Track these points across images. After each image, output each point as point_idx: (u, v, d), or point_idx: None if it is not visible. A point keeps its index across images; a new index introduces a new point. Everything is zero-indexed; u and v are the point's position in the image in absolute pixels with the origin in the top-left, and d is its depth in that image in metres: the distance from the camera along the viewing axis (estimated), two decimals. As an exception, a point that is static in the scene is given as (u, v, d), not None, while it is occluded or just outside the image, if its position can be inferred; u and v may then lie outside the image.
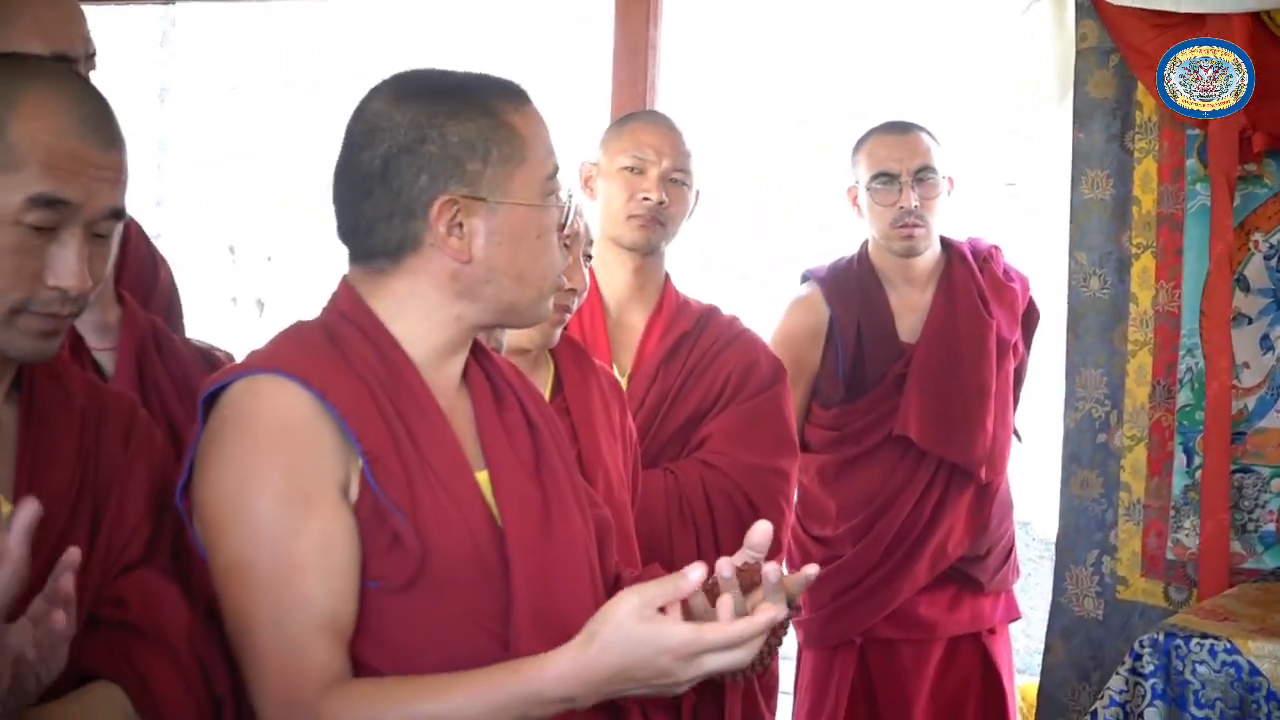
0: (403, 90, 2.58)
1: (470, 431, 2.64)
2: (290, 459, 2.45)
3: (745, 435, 3.98)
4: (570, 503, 2.67)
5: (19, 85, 2.35)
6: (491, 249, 2.54)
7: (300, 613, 2.41)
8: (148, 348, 2.89)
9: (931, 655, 4.87)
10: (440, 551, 2.47)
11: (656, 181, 4.04)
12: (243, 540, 2.44)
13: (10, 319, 2.32)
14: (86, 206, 2.34)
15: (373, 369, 2.53)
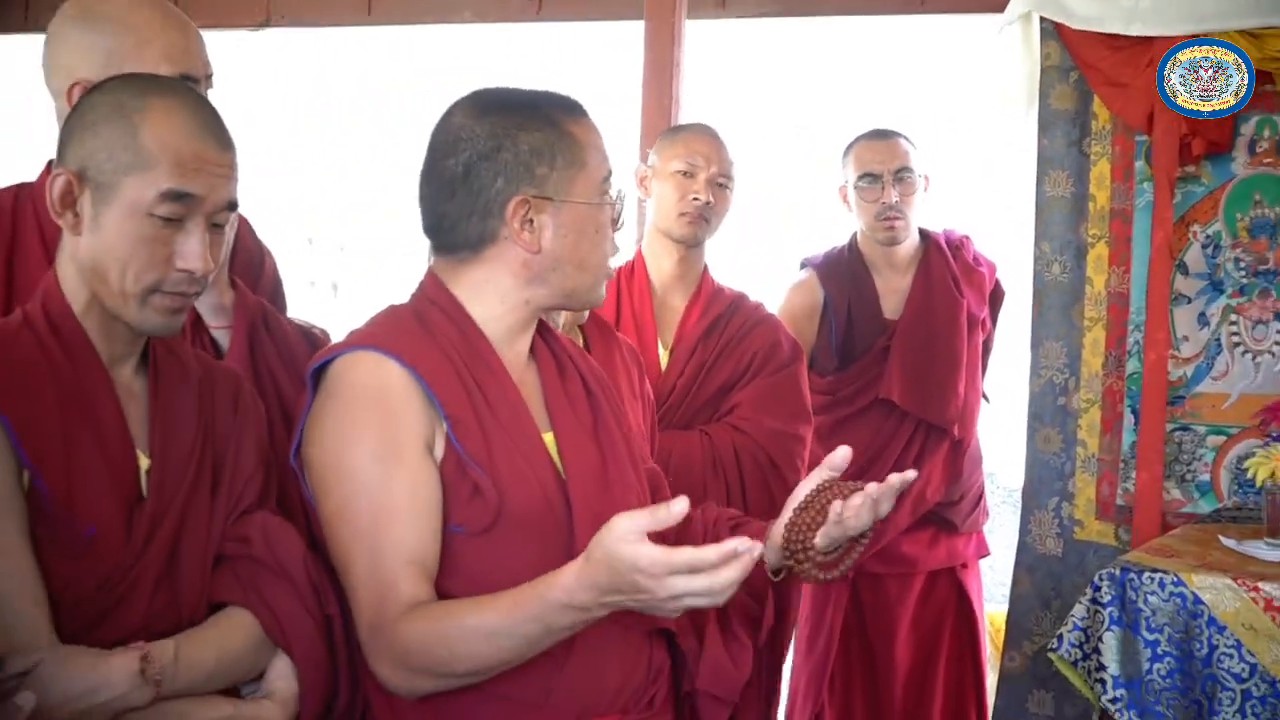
0: (481, 105, 2.62)
1: (538, 398, 2.67)
2: (384, 421, 2.48)
3: (768, 405, 4.00)
4: (624, 458, 2.70)
5: (147, 98, 2.38)
6: (557, 241, 2.58)
7: (392, 551, 2.44)
8: (257, 326, 2.89)
9: (913, 587, 4.92)
10: (514, 501, 2.51)
11: (705, 184, 4.08)
12: (344, 491, 2.48)
13: (145, 298, 2.35)
14: (207, 200, 2.37)
15: (455, 345, 2.57)
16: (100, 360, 2.41)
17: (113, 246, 2.35)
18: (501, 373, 2.60)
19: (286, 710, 2.44)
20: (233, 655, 2.41)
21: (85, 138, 2.37)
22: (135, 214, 2.34)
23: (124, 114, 2.36)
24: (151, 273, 2.35)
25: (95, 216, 2.35)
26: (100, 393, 2.38)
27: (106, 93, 2.41)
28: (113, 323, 2.40)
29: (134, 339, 2.45)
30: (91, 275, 2.37)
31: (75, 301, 2.40)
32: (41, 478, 2.25)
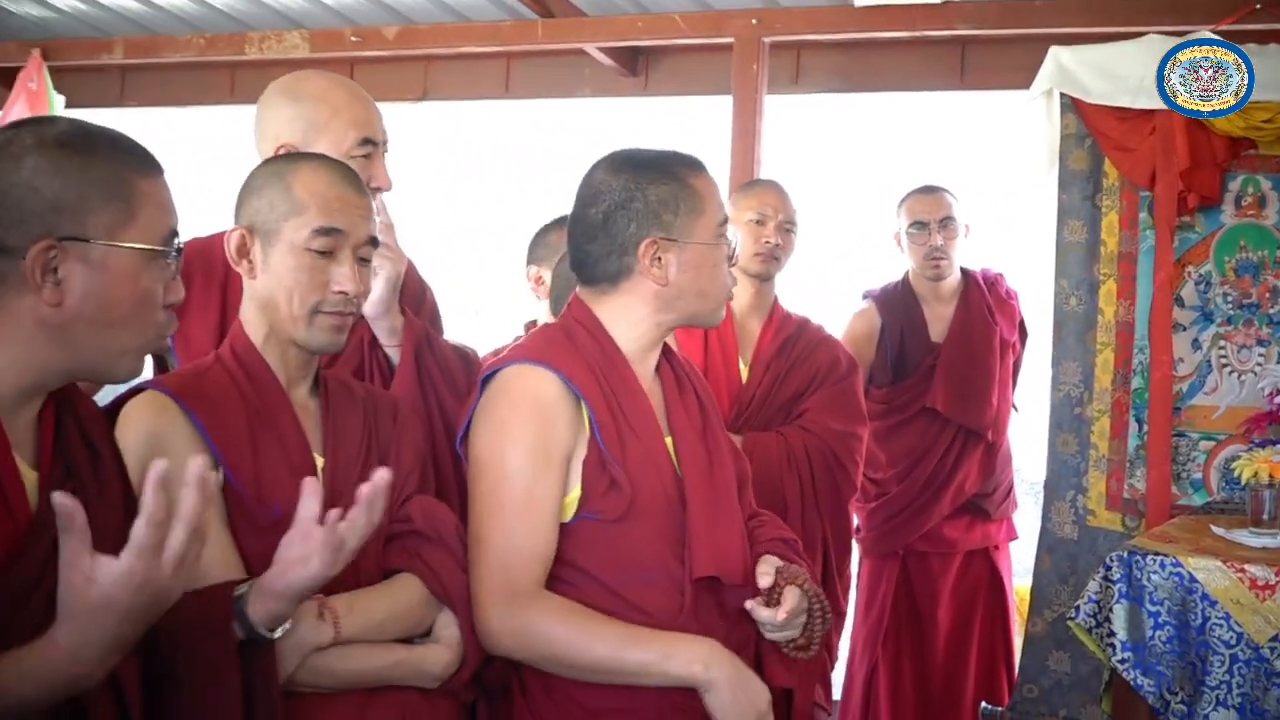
0: (617, 164, 2.64)
1: (661, 406, 2.67)
2: (540, 427, 2.51)
3: (832, 410, 4.00)
4: (726, 458, 2.69)
5: (296, 162, 2.45)
6: (682, 275, 2.60)
7: (530, 537, 2.49)
8: (422, 345, 2.91)
9: (953, 564, 4.89)
10: (642, 493, 2.53)
11: (774, 230, 4.13)
12: (497, 476, 2.51)
13: (311, 318, 2.38)
14: (352, 234, 2.40)
15: (597, 360, 2.59)
16: (279, 382, 2.44)
17: (280, 279, 2.39)
18: (635, 384, 2.61)
19: (451, 652, 2.45)
20: (401, 608, 2.42)
21: (251, 200, 2.43)
22: (295, 250, 2.38)
23: (279, 175, 2.41)
24: (313, 295, 2.38)
25: (265, 259, 2.40)
26: (280, 407, 2.42)
27: (265, 165, 2.49)
28: (287, 350, 2.44)
29: (306, 364, 2.49)
30: (267, 307, 2.42)
31: (256, 337, 2.45)
32: (234, 475, 2.31)
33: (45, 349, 1.88)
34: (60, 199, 1.83)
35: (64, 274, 1.84)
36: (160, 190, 1.93)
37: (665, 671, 2.46)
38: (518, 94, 6.64)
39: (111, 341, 1.90)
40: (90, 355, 1.91)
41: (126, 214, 1.87)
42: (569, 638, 2.47)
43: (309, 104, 2.89)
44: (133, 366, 1.96)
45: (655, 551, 2.53)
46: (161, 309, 1.94)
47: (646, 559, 2.53)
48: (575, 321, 2.67)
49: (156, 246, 1.90)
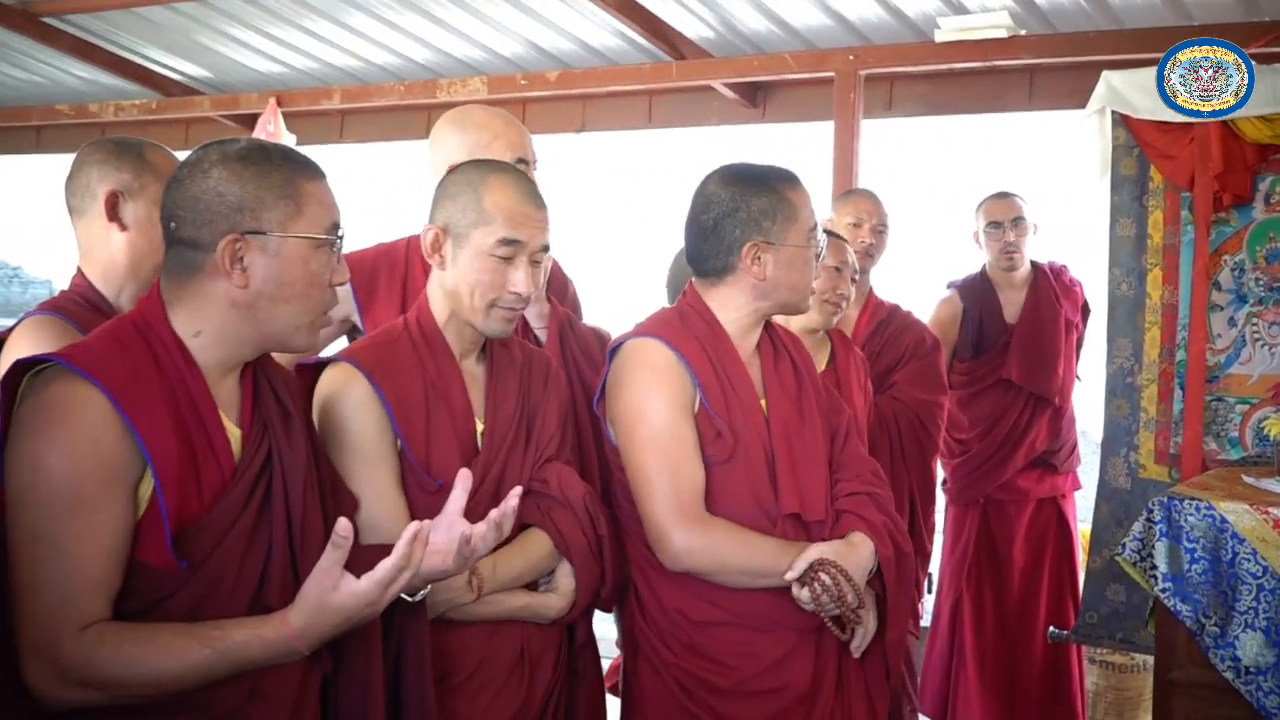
0: (726, 177, 2.65)
1: (758, 375, 2.68)
2: (670, 385, 2.56)
3: (917, 382, 3.97)
4: (815, 417, 2.68)
5: (487, 176, 2.44)
6: (777, 272, 2.61)
7: (690, 473, 2.53)
8: (565, 327, 2.94)
9: (1026, 511, 4.80)
10: (742, 442, 2.56)
11: (869, 231, 4.12)
12: (648, 430, 2.54)
13: (488, 311, 2.40)
14: (529, 244, 2.41)
15: (706, 336, 2.62)
16: (454, 357, 2.46)
17: (465, 276, 2.41)
18: (736, 357, 2.64)
19: (566, 600, 2.49)
20: (533, 561, 2.47)
21: (446, 203, 2.44)
22: (480, 255, 2.40)
23: (473, 186, 2.42)
24: (491, 294, 2.40)
25: (454, 257, 2.42)
26: (453, 379, 2.44)
27: (460, 173, 2.49)
28: (464, 329, 2.46)
29: (477, 340, 2.50)
30: (452, 297, 2.44)
31: (439, 316, 2.47)
32: (409, 443, 2.34)
33: (237, 324, 1.94)
34: (242, 201, 1.89)
35: (248, 261, 1.90)
36: (323, 191, 1.97)
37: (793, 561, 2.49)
38: (658, 124, 6.65)
39: (288, 315, 1.95)
40: (271, 328, 1.95)
41: (295, 211, 1.92)
42: (740, 547, 2.51)
43: (473, 131, 2.95)
44: (307, 338, 2.00)
45: (754, 490, 2.56)
46: (327, 287, 1.97)
47: (746, 496, 2.56)
48: (689, 306, 2.69)
49: (320, 236, 1.95)
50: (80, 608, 1.77)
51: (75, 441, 1.78)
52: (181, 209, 1.91)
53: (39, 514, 1.77)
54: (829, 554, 2.49)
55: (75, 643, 1.75)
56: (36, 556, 1.77)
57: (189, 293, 1.93)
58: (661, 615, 2.59)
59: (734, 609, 2.55)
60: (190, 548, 1.84)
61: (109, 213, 2.59)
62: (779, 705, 2.56)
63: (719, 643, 2.56)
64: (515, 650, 2.43)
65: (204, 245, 1.90)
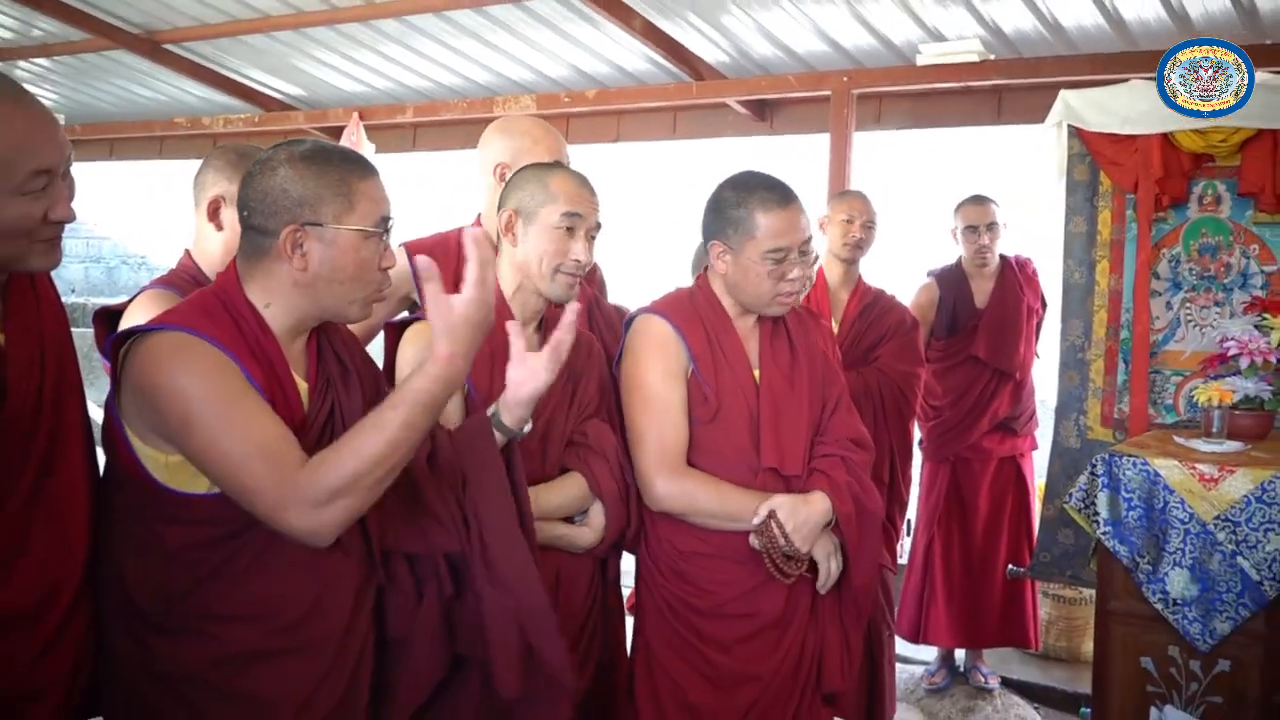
0: (731, 178, 2.64)
1: (755, 349, 2.66)
2: (665, 356, 2.55)
3: (899, 356, 3.93)
4: (804, 387, 2.64)
5: (550, 168, 2.49)
6: (734, 274, 2.59)
7: (673, 427, 2.52)
8: (592, 304, 2.94)
9: (989, 467, 4.75)
10: (726, 405, 2.54)
11: (859, 227, 4.07)
12: (644, 393, 2.55)
13: (554, 276, 2.42)
14: (587, 220, 2.44)
15: (707, 315, 2.61)
16: (518, 324, 2.44)
17: (535, 247, 2.42)
18: (732, 333, 2.62)
19: (596, 534, 2.50)
20: (569, 497, 2.47)
21: (517, 192, 2.46)
22: (547, 228, 2.42)
23: (539, 176, 2.45)
24: (556, 259, 2.41)
25: (525, 233, 2.44)
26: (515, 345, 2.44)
27: (527, 169, 2.52)
28: (529, 299, 2.47)
29: (538, 311, 2.50)
30: (521, 268, 2.45)
31: (507, 289, 2.48)
32: (477, 394, 2.35)
33: (299, 299, 1.93)
34: (302, 196, 1.88)
35: (307, 248, 1.89)
36: (374, 188, 1.94)
37: (757, 508, 2.48)
38: (681, 136, 6.61)
39: (342, 294, 1.93)
40: (328, 303, 1.94)
41: (348, 206, 1.90)
42: (712, 495, 2.50)
43: (516, 137, 2.94)
44: (360, 313, 1.98)
45: (736, 446, 2.54)
46: (377, 271, 1.95)
47: (729, 451, 2.54)
48: (698, 287, 2.68)
49: (369, 228, 1.92)
50: (287, 457, 1.75)
51: (202, 361, 1.78)
52: (253, 201, 1.90)
53: (207, 422, 1.74)
54: (782, 507, 2.48)
55: (308, 476, 1.73)
56: (227, 449, 1.73)
57: (259, 271, 1.93)
58: (658, 545, 2.59)
59: (714, 541, 2.54)
60: None
61: (210, 214, 2.59)
62: (752, 627, 2.55)
63: (701, 570, 2.56)
64: (551, 573, 2.43)
65: (270, 232, 1.89)
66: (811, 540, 2.51)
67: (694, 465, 2.54)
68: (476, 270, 1.78)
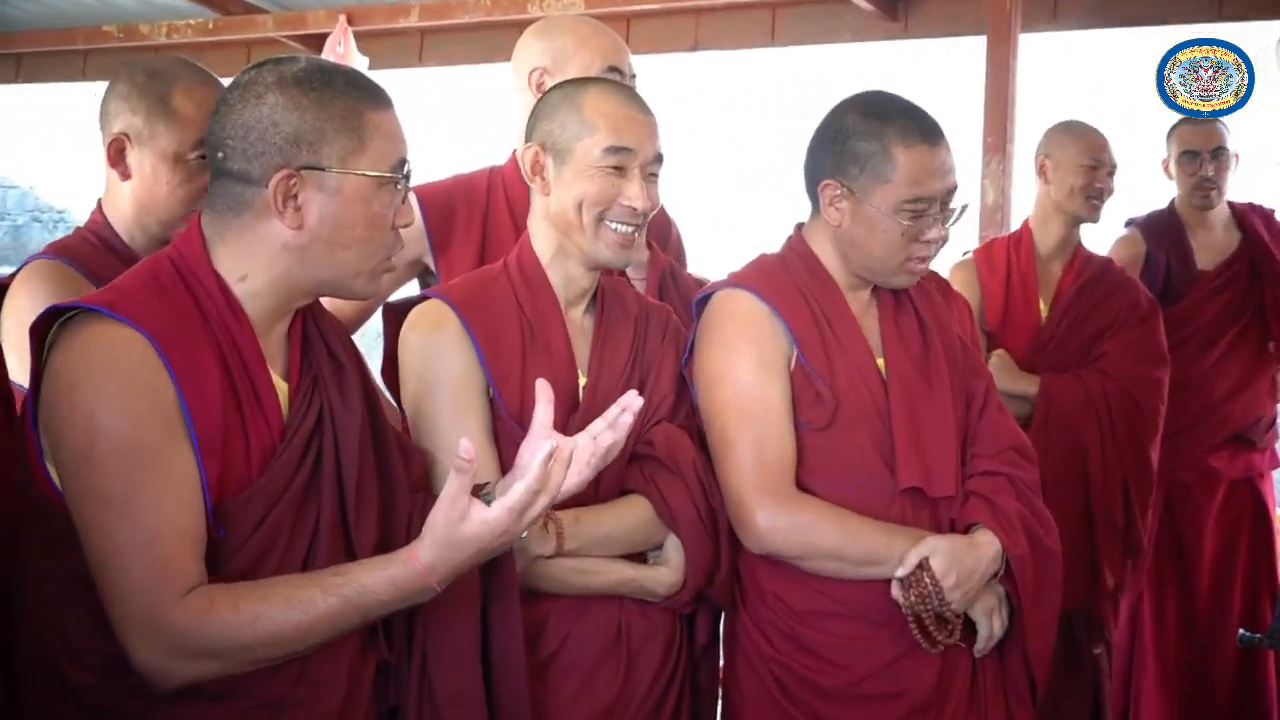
0: (855, 103, 2.64)
1: (875, 329, 2.65)
2: (758, 341, 2.55)
3: (1131, 354, 3.93)
4: (944, 380, 2.63)
5: (584, 86, 2.50)
6: (854, 228, 2.60)
7: (776, 438, 2.51)
8: (665, 277, 2.98)
9: (1216, 495, 4.63)
10: (848, 405, 2.53)
11: (1106, 175, 4.05)
12: (730, 391, 2.53)
13: (598, 227, 2.41)
14: (640, 152, 2.42)
15: (809, 285, 2.62)
16: (557, 300, 2.48)
17: (571, 192, 2.42)
18: (845, 309, 2.62)
19: (676, 575, 2.47)
20: (628, 527, 2.44)
21: (543, 122, 2.47)
22: (586, 168, 2.41)
23: (570, 98, 2.46)
24: (600, 205, 2.40)
25: (558, 176, 2.44)
26: (554, 326, 2.47)
27: (556, 90, 2.54)
28: (572, 269, 2.49)
29: (587, 286, 2.52)
30: (557, 223, 2.45)
31: (543, 254, 2.49)
32: (499, 390, 2.38)
33: (288, 269, 1.96)
34: (298, 132, 1.90)
35: (303, 200, 1.92)
36: (390, 122, 1.98)
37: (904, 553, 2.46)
38: (782, 41, 6.52)
39: (346, 261, 1.98)
40: (327, 274, 1.98)
41: (358, 144, 1.92)
42: (837, 530, 2.47)
43: (558, 36, 3.02)
44: (367, 285, 2.02)
45: (865, 461, 2.54)
46: (391, 230, 1.98)
47: (855, 467, 2.54)
48: (790, 249, 2.69)
49: (385, 174, 1.95)
50: (174, 571, 1.79)
51: (127, 390, 1.80)
52: (230, 138, 1.93)
53: (103, 476, 1.78)
54: (939, 552, 2.46)
55: (183, 610, 1.77)
56: (111, 524, 1.78)
57: (235, 232, 1.95)
58: (760, 602, 2.58)
59: (843, 597, 2.52)
60: (236, 518, 1.88)
61: (112, 158, 2.62)
62: (895, 713, 2.53)
63: (826, 636, 2.54)
64: (610, 631, 2.44)
65: (254, 180, 1.91)
66: (974, 596, 2.50)
67: (804, 488, 2.53)
68: (521, 493, 1.85)
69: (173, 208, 2.62)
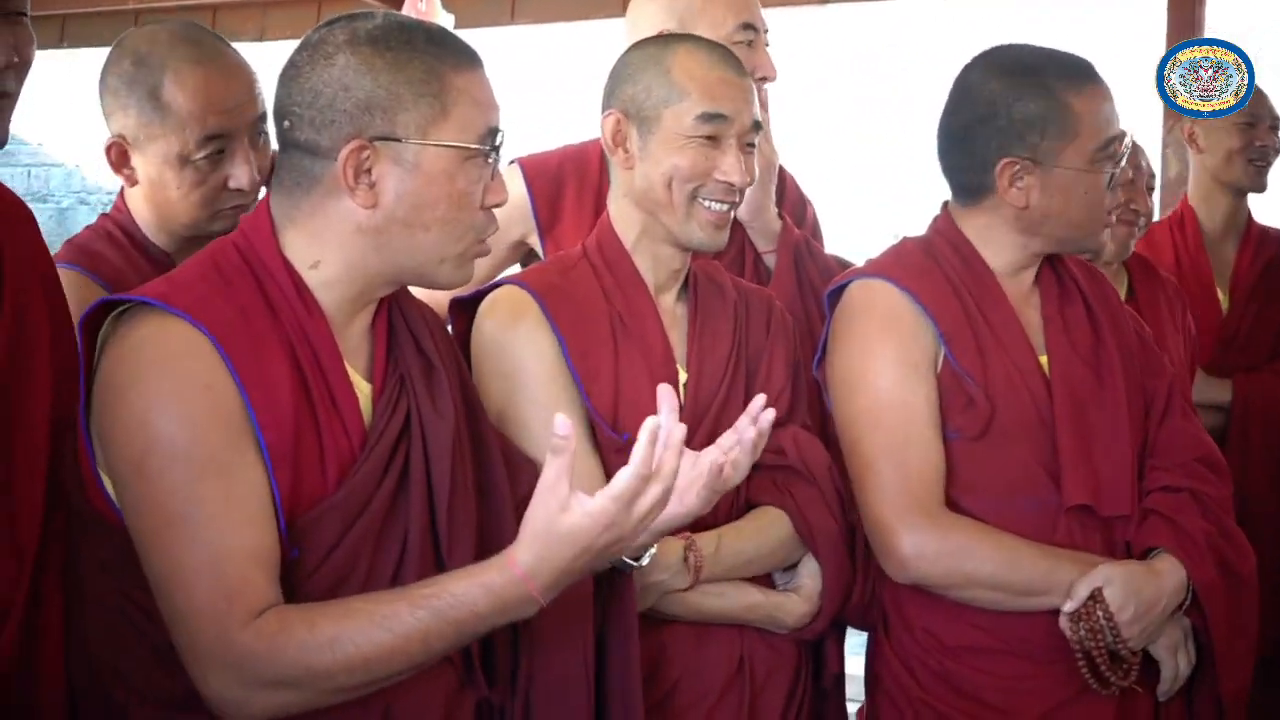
0: (990, 69, 2.62)
1: (1036, 323, 2.64)
2: (900, 339, 2.55)
3: None
4: (1118, 381, 2.61)
5: (671, 45, 2.51)
6: (1047, 200, 2.55)
7: (921, 450, 2.51)
8: (801, 251, 2.98)
9: None
10: (1005, 411, 2.52)
11: (1267, 131, 3.97)
12: (870, 398, 2.54)
13: (690, 206, 2.44)
14: (736, 120, 2.45)
15: (958, 273, 2.60)
16: (647, 288, 2.51)
17: (659, 166, 2.45)
18: (1002, 301, 2.61)
19: (809, 604, 2.50)
20: (768, 548, 2.49)
21: (625, 86, 2.50)
22: (676, 139, 2.44)
23: (656, 59, 2.48)
24: (693, 181, 2.43)
25: (643, 147, 2.46)
26: (647, 314, 2.49)
27: (637, 49, 2.57)
28: (660, 250, 2.52)
29: (678, 270, 2.55)
30: (643, 201, 2.48)
31: (626, 237, 2.52)
32: (587, 389, 2.41)
33: (363, 254, 1.96)
34: (371, 97, 1.90)
35: (377, 175, 1.92)
36: (477, 86, 1.97)
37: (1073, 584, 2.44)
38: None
39: (428, 245, 1.96)
40: (406, 260, 1.97)
41: (439, 111, 1.93)
42: (994, 555, 2.47)
43: None
44: (454, 272, 2.02)
45: (1025, 475, 2.54)
46: (480, 211, 1.97)
47: (1015, 483, 2.54)
48: (937, 233, 2.69)
49: (471, 145, 1.93)
50: (245, 592, 1.79)
51: (184, 392, 1.82)
52: (297, 105, 1.94)
53: (160, 489, 1.80)
54: (1114, 581, 2.43)
55: (253, 634, 1.77)
56: (172, 542, 1.80)
57: (305, 213, 1.96)
58: (907, 636, 2.59)
59: (1002, 631, 2.53)
60: (310, 537, 1.89)
61: (113, 163, 2.64)
62: None
63: (983, 676, 2.54)
64: (732, 663, 2.46)
65: (323, 152, 1.92)
66: (1155, 631, 2.48)
67: (953, 507, 2.53)
68: (628, 478, 1.81)
69: (190, 211, 2.64)
